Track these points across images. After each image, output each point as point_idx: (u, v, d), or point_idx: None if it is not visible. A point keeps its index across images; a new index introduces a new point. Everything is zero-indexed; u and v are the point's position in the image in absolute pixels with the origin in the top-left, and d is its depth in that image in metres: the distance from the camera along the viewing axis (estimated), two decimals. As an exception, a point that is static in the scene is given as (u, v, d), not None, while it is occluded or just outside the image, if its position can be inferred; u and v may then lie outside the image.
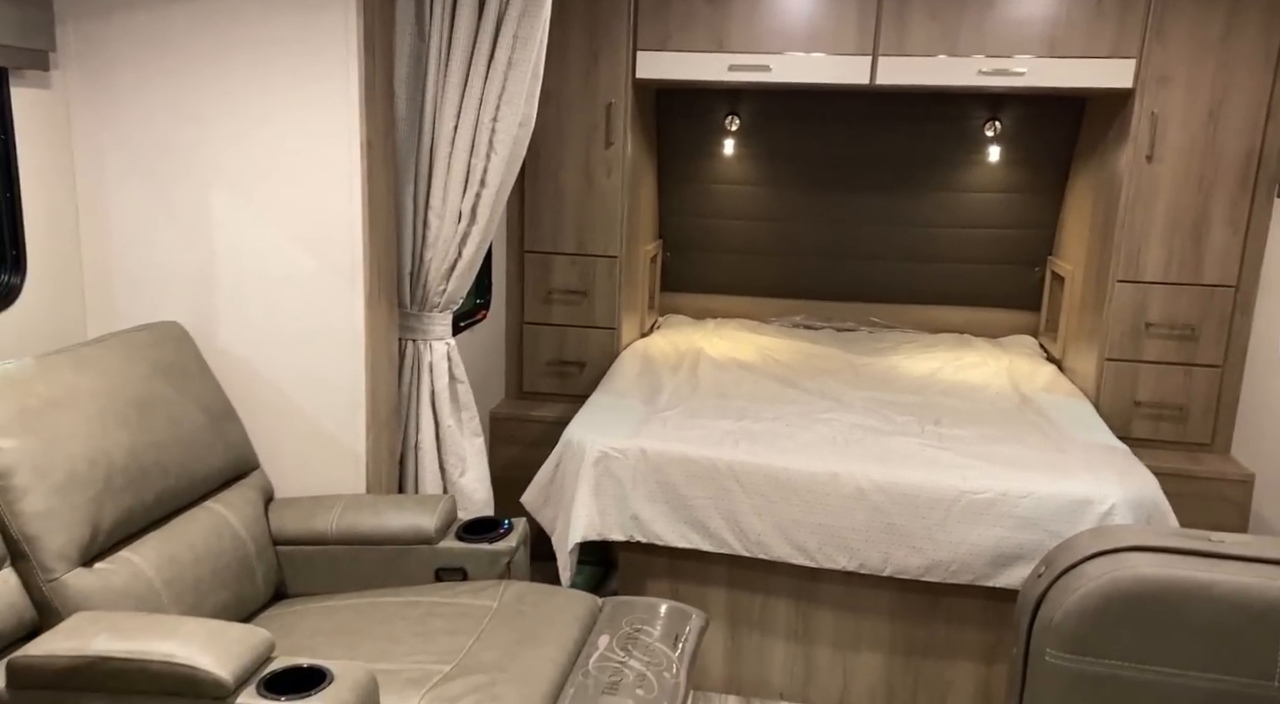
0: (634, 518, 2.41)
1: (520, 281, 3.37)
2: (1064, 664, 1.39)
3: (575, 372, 3.40)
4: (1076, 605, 1.37)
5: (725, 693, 2.53)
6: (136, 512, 1.72)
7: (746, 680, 2.52)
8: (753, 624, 2.50)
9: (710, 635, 2.51)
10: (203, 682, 1.40)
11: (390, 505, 2.10)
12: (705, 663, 2.53)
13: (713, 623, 2.50)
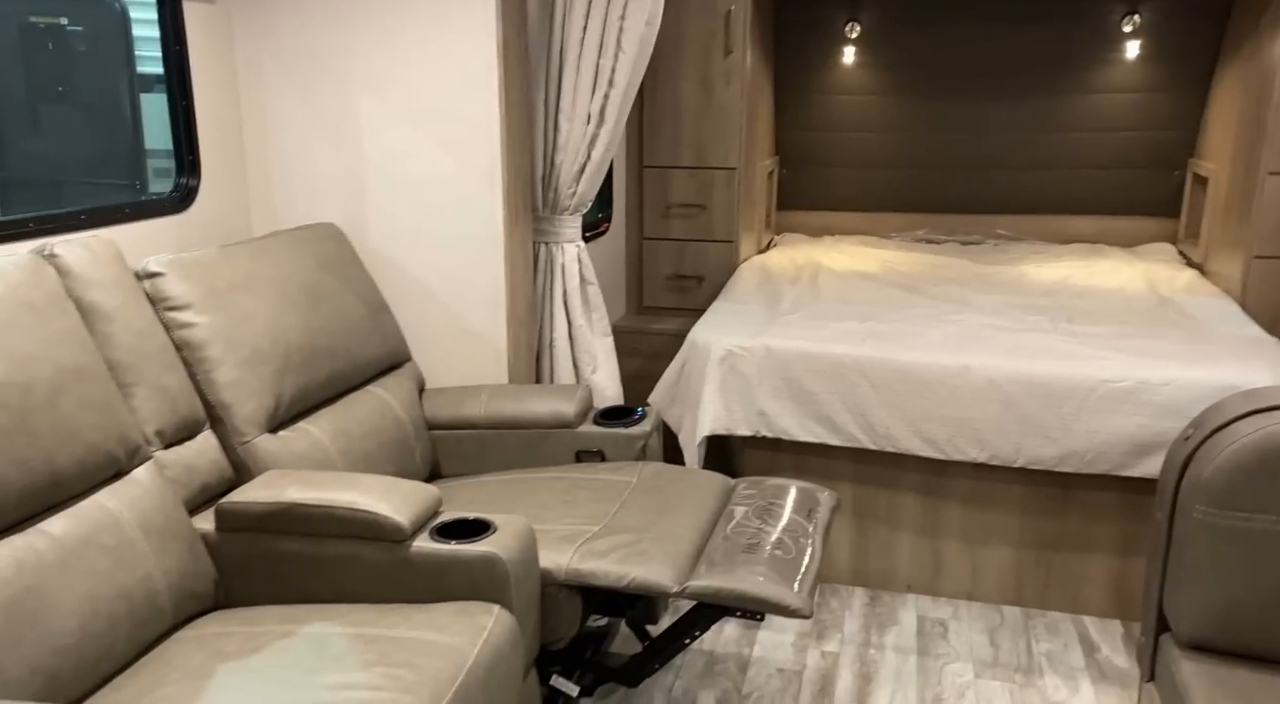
0: (760, 414, 2.46)
1: (639, 197, 3.42)
2: (1214, 520, 1.38)
3: (694, 286, 3.45)
4: (1229, 461, 1.35)
5: (852, 585, 2.58)
6: (311, 388, 1.89)
7: (873, 573, 2.57)
8: (879, 518, 2.53)
9: (837, 529, 2.56)
10: (383, 526, 1.54)
11: (532, 393, 2.22)
12: (832, 556, 2.58)
13: (839, 517, 2.55)
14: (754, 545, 1.70)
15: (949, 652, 2.28)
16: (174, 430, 1.62)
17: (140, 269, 1.71)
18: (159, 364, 1.62)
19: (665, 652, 1.68)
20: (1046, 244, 3.73)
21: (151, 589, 1.43)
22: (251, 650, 1.39)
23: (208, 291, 1.75)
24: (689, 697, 2.10)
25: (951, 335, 2.49)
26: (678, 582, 1.61)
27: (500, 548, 1.53)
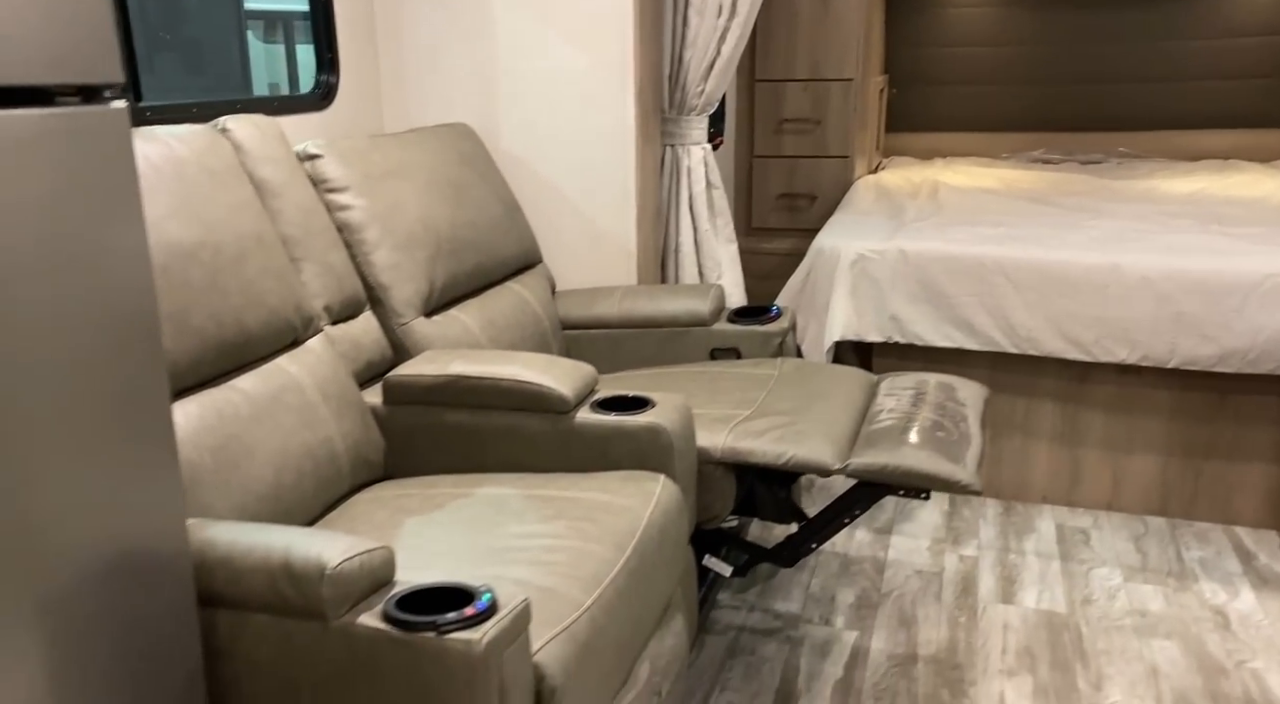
0: (892, 319, 2.41)
1: (750, 114, 3.36)
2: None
3: (805, 205, 3.39)
4: None
5: (984, 497, 2.53)
6: (459, 278, 1.90)
7: (1006, 485, 2.51)
8: (1015, 427, 2.47)
9: (966, 441, 2.51)
10: (548, 397, 1.55)
11: (666, 292, 2.20)
12: (960, 469, 2.53)
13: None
14: (913, 428, 1.66)
15: (1093, 557, 2.21)
16: (340, 307, 1.65)
17: (300, 151, 1.73)
18: (324, 242, 1.65)
19: (822, 531, 1.67)
20: (1173, 161, 3.55)
21: (333, 451, 1.47)
22: (433, 507, 1.42)
23: (363, 176, 1.77)
24: (827, 593, 2.09)
25: (1095, 236, 2.40)
26: (839, 459, 1.59)
27: (663, 419, 1.53)
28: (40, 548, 0.82)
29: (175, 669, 0.95)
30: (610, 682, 1.20)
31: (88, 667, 0.86)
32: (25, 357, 0.80)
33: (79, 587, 0.85)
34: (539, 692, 1.06)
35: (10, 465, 0.80)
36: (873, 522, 2.41)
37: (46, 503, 0.82)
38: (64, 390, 0.84)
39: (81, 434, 0.85)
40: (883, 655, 1.87)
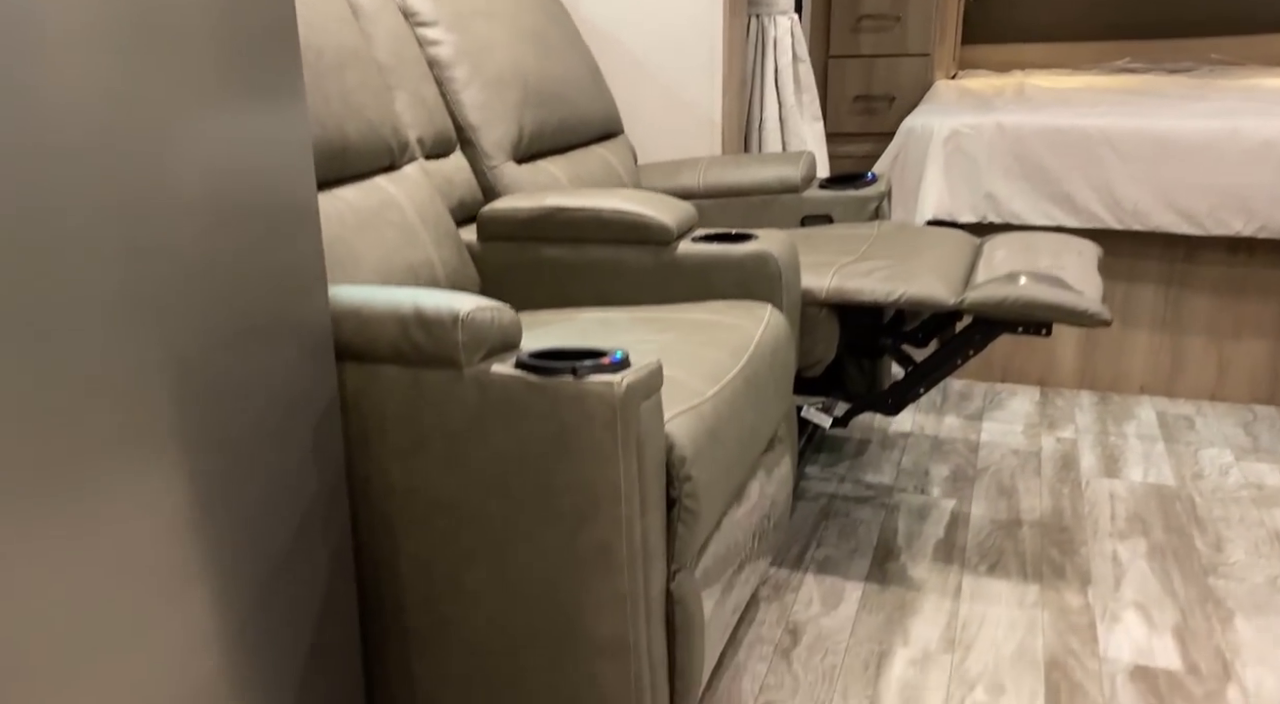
0: (988, 197, 2.31)
1: (826, 11, 3.24)
2: None
3: (884, 107, 3.27)
4: None
5: (1077, 389, 2.44)
6: (546, 129, 1.85)
7: (1101, 375, 2.41)
8: (1112, 312, 2.36)
9: (1061, 330, 2.41)
10: (650, 226, 1.50)
11: (752, 160, 2.13)
12: (1054, 358, 2.43)
13: (1063, 318, 2.39)
14: (1030, 268, 1.58)
15: (1200, 440, 2.12)
16: (432, 142, 1.61)
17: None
18: (416, 74, 1.60)
19: (933, 374, 1.59)
20: (1271, 67, 3.36)
21: (434, 274, 1.43)
22: (540, 326, 1.38)
23: (452, 13, 1.72)
24: (919, 468, 2.02)
25: (1207, 109, 2.27)
26: (954, 295, 1.52)
27: (770, 247, 1.47)
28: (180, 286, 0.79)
29: (313, 420, 0.92)
30: (731, 477, 1.15)
31: (228, 424, 0.83)
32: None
33: (210, 348, 0.82)
34: (669, 461, 1.01)
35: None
36: (962, 409, 2.33)
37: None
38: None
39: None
40: (984, 519, 1.80)
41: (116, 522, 0.73)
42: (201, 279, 0.80)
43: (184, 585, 0.79)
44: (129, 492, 0.74)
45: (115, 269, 0.72)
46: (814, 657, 1.41)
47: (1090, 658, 1.40)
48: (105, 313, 0.71)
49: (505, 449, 0.95)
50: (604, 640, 0.98)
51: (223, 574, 0.83)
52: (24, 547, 0.66)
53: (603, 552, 0.95)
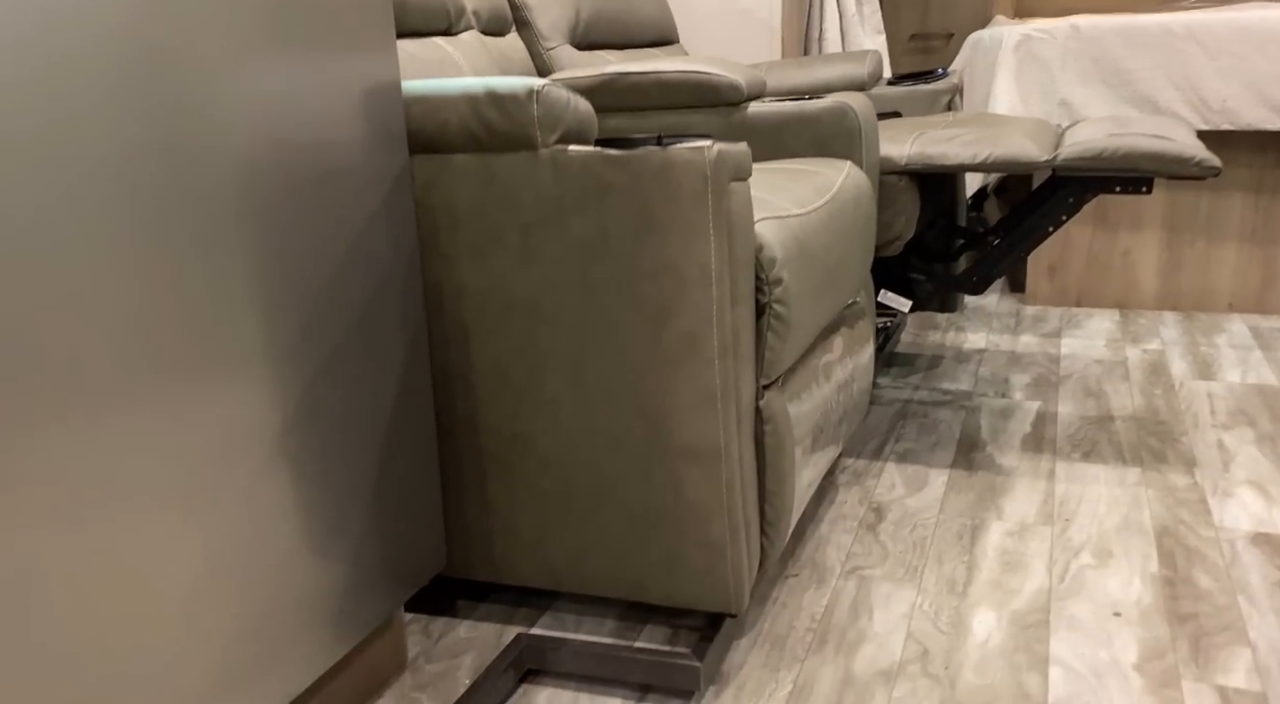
0: (1062, 103, 2.21)
1: (881, -52, 3.16)
2: None
3: (941, 45, 3.18)
4: None
5: (1159, 309, 2.31)
6: (602, 19, 1.80)
7: (1186, 294, 2.29)
8: (1196, 228, 2.24)
9: (1139, 246, 2.29)
10: (719, 87, 1.43)
11: (815, 61, 2.05)
12: (1134, 277, 2.31)
13: (1146, 231, 2.28)
14: (1122, 129, 1.49)
15: (1299, 348, 1.99)
16: (488, 16, 1.56)
17: None
18: (474, -55, 1.57)
19: (1022, 245, 1.50)
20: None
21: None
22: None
23: (511, -108, 1.68)
24: (998, 376, 1.92)
25: (1293, 8, 2.15)
26: (1046, 152, 1.43)
27: (849, 100, 1.40)
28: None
29: (387, 220, 0.86)
30: (819, 303, 1.07)
31: (299, 234, 0.78)
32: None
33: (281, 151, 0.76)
34: (758, 262, 0.94)
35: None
36: (1038, 328, 2.22)
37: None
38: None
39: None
40: (1073, 416, 1.70)
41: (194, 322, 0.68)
42: (266, 81, 0.75)
43: (263, 412, 0.74)
44: (209, 318, 0.69)
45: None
46: (901, 530, 1.33)
47: (1205, 527, 1.29)
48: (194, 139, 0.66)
49: (584, 237, 0.89)
50: (692, 444, 0.91)
51: (299, 399, 0.78)
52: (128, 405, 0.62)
53: (690, 343, 0.88)
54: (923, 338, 2.21)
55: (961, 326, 2.27)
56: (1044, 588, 1.17)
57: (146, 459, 0.65)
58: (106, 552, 0.62)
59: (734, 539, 0.95)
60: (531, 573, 1.04)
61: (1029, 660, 1.03)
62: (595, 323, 0.91)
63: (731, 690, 0.99)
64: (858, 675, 1.01)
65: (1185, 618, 1.09)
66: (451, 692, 0.99)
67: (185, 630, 0.69)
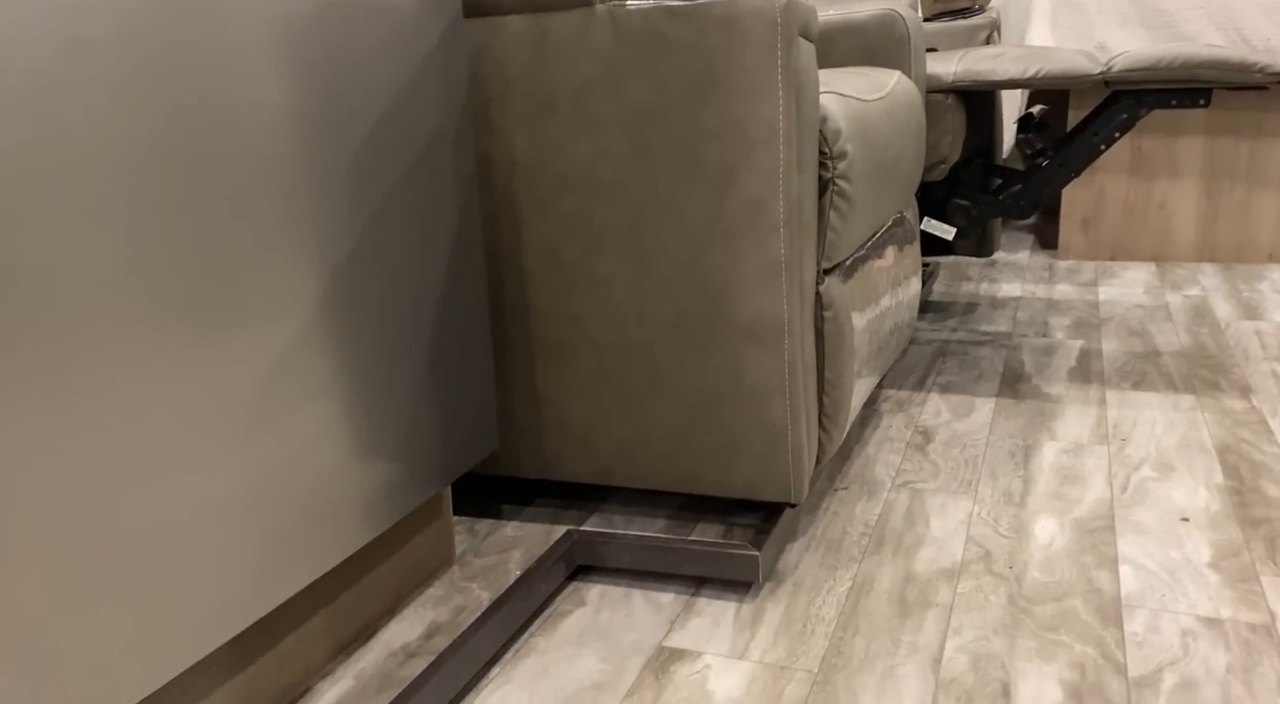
0: (1099, 47, 2.17)
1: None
2: None
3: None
4: None
5: (1197, 261, 2.27)
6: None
7: (1224, 244, 2.24)
8: (1236, 176, 2.20)
9: (1178, 197, 2.25)
10: (762, -2, 1.40)
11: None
12: (1170, 228, 2.27)
13: (1183, 180, 2.23)
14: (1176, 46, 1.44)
15: (1345, 293, 1.94)
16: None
17: None
18: None
19: (1072, 164, 1.46)
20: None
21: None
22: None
23: None
24: (1038, 319, 1.88)
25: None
26: (1098, 65, 1.39)
27: (897, 6, 1.36)
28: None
29: (440, 89, 0.83)
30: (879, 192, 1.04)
31: (352, 104, 0.75)
32: None
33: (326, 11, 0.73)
34: (823, 135, 0.90)
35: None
36: (1074, 279, 2.18)
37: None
38: None
39: None
40: (1119, 352, 1.66)
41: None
42: None
43: (314, 288, 0.71)
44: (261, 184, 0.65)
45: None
46: (951, 450, 1.29)
47: (1268, 444, 1.25)
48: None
49: (642, 100, 0.85)
50: (754, 321, 0.87)
51: (350, 274, 0.74)
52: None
53: (755, 210, 0.84)
54: (955, 288, 2.17)
55: (994, 278, 2.23)
56: (1106, 498, 1.13)
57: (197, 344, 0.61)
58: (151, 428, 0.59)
59: (795, 422, 0.91)
60: (581, 468, 1.00)
61: (1097, 561, 0.99)
62: (653, 193, 0.87)
63: (789, 587, 0.96)
64: (919, 573, 0.98)
65: (1258, 522, 1.05)
66: (502, 582, 0.96)
67: (225, 487, 0.65)
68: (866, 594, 0.94)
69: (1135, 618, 0.89)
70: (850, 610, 0.92)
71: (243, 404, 0.65)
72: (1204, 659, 0.82)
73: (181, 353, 0.61)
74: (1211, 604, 0.90)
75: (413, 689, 0.75)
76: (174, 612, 0.61)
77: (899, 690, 0.80)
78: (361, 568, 0.87)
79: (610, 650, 0.87)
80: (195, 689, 0.71)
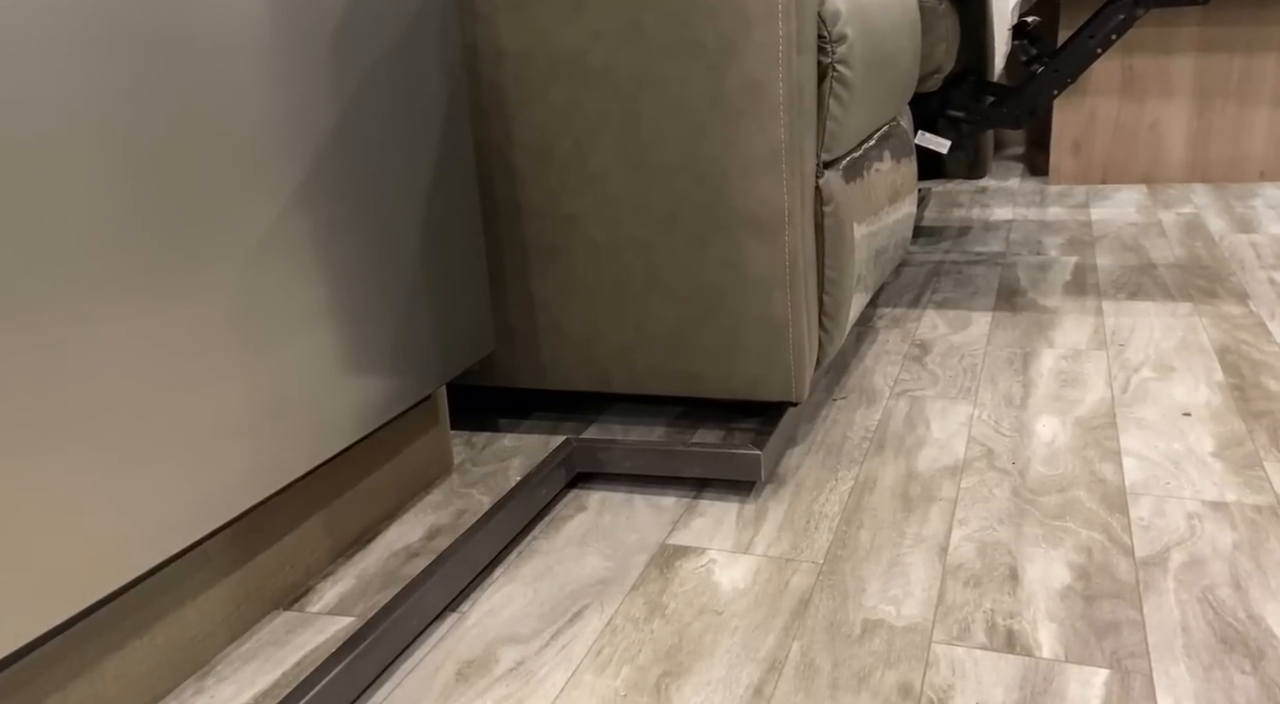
0: (1091, -37, 2.13)
1: None
2: None
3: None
4: None
5: (1187, 181, 2.25)
6: None
7: (1215, 163, 2.22)
8: (1227, 93, 2.17)
9: (1167, 116, 2.22)
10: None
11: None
12: (1160, 148, 2.25)
13: (1175, 99, 2.21)
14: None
15: (1337, 207, 1.93)
16: None
17: None
18: None
19: (1069, 68, 1.43)
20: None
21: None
22: None
23: None
24: (1031, 239, 1.87)
25: None
26: (1095, -33, 1.35)
27: (891, -89, 1.31)
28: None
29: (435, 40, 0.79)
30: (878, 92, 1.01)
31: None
32: None
33: None
34: (821, 16, 0.87)
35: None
36: (1065, 202, 2.16)
37: None
38: None
39: None
40: (1114, 266, 1.64)
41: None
42: None
43: (302, 191, 0.67)
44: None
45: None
46: (949, 360, 1.28)
47: (1268, 344, 1.24)
48: None
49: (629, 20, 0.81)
50: (754, 211, 0.85)
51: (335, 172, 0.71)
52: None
53: (755, 91, 0.82)
54: (947, 213, 2.15)
55: (986, 203, 2.21)
56: (1106, 398, 1.12)
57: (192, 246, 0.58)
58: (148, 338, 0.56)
59: (796, 318, 0.89)
60: (579, 375, 0.98)
61: (1100, 454, 0.98)
62: (648, 77, 0.84)
63: (790, 488, 0.95)
64: (921, 472, 0.97)
65: (1260, 414, 1.05)
66: (502, 487, 0.94)
67: (223, 382, 0.63)
68: (870, 492, 0.93)
69: (1140, 504, 0.88)
70: (854, 507, 0.91)
71: (237, 313, 0.63)
72: (1210, 539, 0.82)
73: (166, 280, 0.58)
74: (1216, 489, 0.90)
75: (414, 585, 0.73)
76: (169, 498, 0.59)
77: (906, 577, 0.79)
78: (359, 471, 0.86)
79: (614, 549, 0.86)
80: (195, 581, 0.69)
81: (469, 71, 0.89)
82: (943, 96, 1.57)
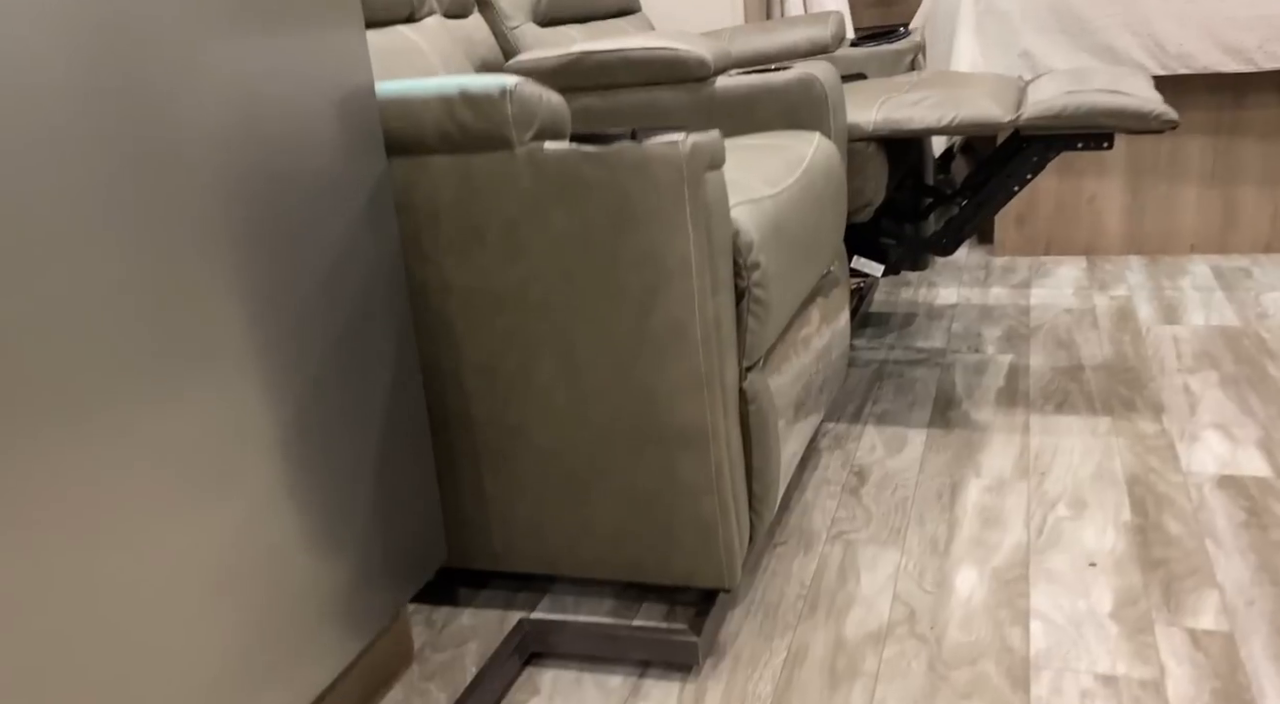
0: (1023, 55, 2.22)
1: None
2: None
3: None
4: None
5: (1124, 254, 2.36)
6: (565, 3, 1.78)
7: (1150, 236, 2.33)
8: (1158, 172, 2.28)
9: (1104, 194, 2.33)
10: (685, 62, 1.43)
11: (779, 26, 2.05)
12: (1099, 222, 2.36)
13: (1110, 177, 2.31)
14: (1082, 86, 1.51)
15: (1259, 286, 2.04)
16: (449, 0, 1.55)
17: None
18: (429, -75, 1.54)
19: (990, 204, 1.53)
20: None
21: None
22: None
23: None
24: (971, 331, 1.96)
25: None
26: (1009, 113, 1.45)
27: (815, 70, 1.40)
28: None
29: (368, 220, 0.86)
30: (797, 279, 1.10)
31: (280, 232, 0.78)
32: None
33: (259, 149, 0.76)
34: (736, 248, 0.96)
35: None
36: (1008, 280, 2.26)
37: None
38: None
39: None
40: (1045, 368, 1.74)
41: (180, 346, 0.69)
42: (243, 86, 0.75)
43: (254, 417, 0.75)
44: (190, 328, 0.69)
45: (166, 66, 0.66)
46: (884, 492, 1.37)
47: (1173, 473, 1.34)
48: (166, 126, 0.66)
49: (565, 232, 0.90)
50: (682, 428, 0.94)
51: (290, 401, 0.78)
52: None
53: (676, 331, 0.90)
54: (895, 296, 2.24)
55: (933, 282, 2.31)
56: (1022, 543, 1.21)
57: (141, 465, 0.66)
58: (106, 558, 0.64)
59: (724, 518, 0.98)
60: (530, 559, 1.06)
61: (1011, 615, 1.07)
62: (582, 314, 0.92)
63: (729, 661, 1.03)
64: (848, 639, 1.06)
65: (1156, 563, 1.14)
66: (459, 680, 1.02)
67: (191, 636, 0.71)
68: (800, 665, 1.02)
69: (1041, 680, 0.97)
70: (785, 684, 0.99)
71: (190, 540, 0.70)
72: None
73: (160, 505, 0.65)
74: (1109, 659, 0.99)
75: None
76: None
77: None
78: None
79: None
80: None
81: (420, 302, 0.97)
82: (875, 225, 1.66)
